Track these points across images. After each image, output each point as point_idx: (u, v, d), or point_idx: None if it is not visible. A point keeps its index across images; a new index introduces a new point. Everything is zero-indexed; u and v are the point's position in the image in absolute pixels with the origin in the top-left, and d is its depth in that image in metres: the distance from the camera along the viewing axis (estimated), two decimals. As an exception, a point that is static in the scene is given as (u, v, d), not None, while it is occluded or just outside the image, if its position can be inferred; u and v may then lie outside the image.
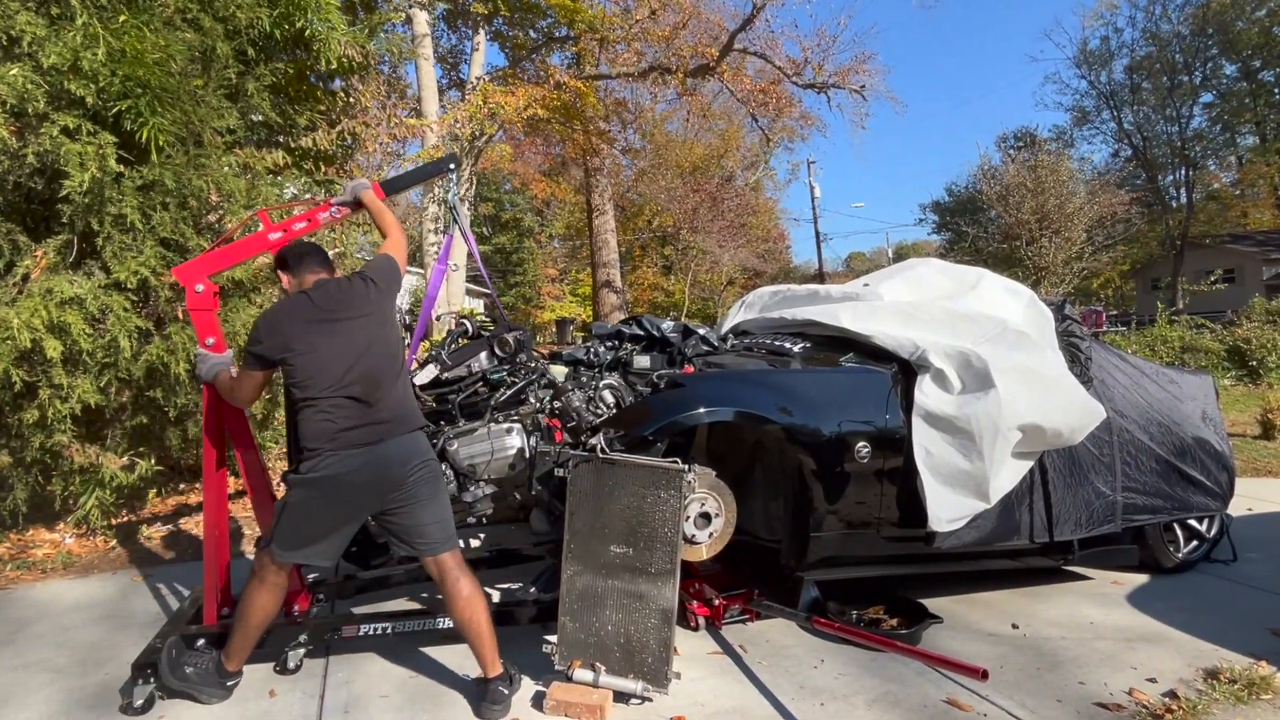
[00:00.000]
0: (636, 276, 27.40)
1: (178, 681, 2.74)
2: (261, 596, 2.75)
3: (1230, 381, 13.43)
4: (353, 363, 2.64)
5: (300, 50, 5.47)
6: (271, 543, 2.71)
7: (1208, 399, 4.41)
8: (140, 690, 2.76)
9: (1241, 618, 3.57)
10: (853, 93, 13.90)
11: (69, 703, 2.86)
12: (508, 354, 3.44)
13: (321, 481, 2.60)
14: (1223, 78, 35.67)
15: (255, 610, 2.76)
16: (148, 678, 2.77)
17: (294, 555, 2.71)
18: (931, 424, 3.33)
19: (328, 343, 2.65)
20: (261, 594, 2.75)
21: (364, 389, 2.64)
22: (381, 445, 2.63)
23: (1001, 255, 24.38)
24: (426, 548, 2.74)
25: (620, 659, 2.83)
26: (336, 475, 2.59)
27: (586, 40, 11.61)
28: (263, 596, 2.75)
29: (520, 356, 3.46)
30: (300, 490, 2.65)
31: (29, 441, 4.29)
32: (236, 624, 2.79)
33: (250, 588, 2.77)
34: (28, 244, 4.26)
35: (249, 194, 4.69)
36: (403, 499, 2.68)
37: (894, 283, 4.29)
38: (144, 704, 2.75)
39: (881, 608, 3.61)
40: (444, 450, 3.21)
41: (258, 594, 2.75)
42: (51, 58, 3.95)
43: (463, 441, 3.26)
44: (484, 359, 3.46)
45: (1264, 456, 7.68)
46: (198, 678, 2.77)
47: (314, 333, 2.66)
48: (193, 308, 2.97)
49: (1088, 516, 3.68)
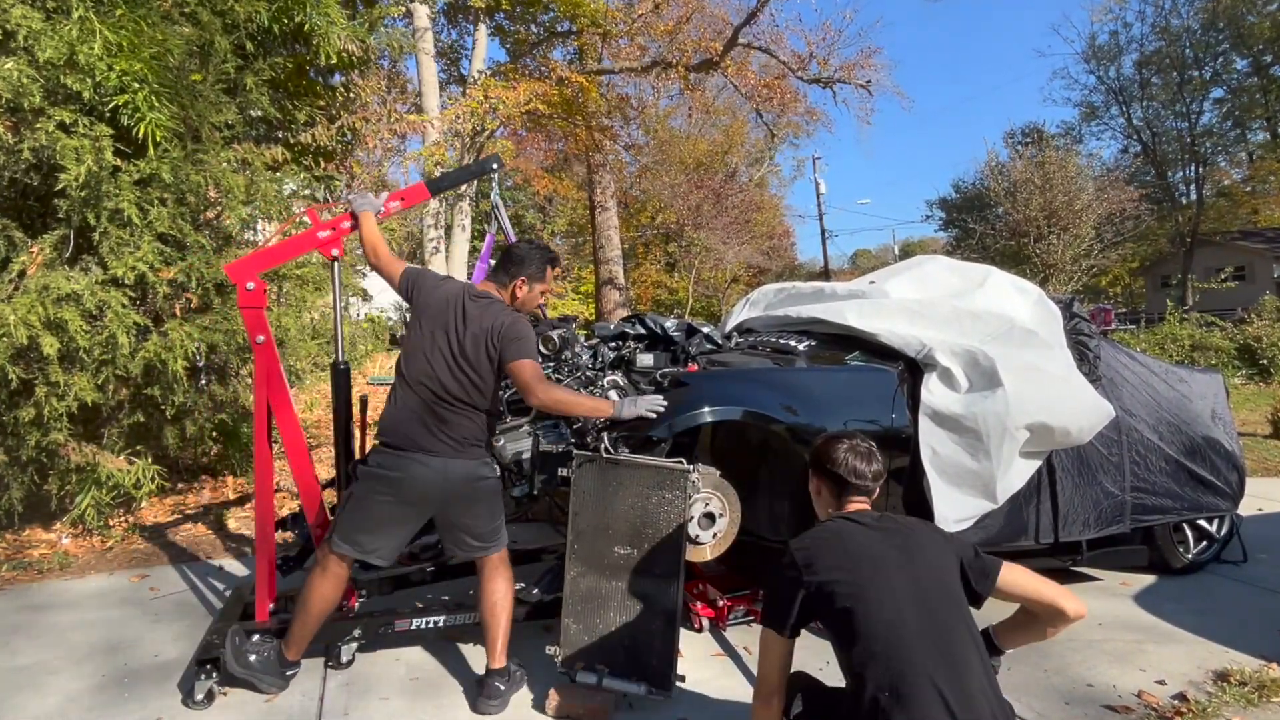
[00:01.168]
0: (640, 274, 27.32)
1: (241, 669, 2.77)
2: (323, 586, 2.79)
3: (1241, 380, 13.40)
4: None
5: (299, 45, 5.44)
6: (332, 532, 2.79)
7: (1218, 398, 4.38)
8: (201, 685, 2.80)
9: (1252, 619, 3.55)
10: (858, 87, 13.80)
11: (64, 703, 2.84)
12: (553, 351, 3.48)
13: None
14: (1234, 73, 35.43)
15: (315, 600, 2.79)
16: (209, 672, 2.81)
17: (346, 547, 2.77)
18: (938, 423, 3.30)
19: None
20: (323, 583, 2.78)
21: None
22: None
23: (1009, 252, 24.32)
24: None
25: (624, 661, 2.80)
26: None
27: (589, 35, 11.53)
28: (324, 586, 2.78)
29: (565, 354, 3.50)
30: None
31: (25, 440, 4.26)
32: (297, 613, 2.82)
33: (312, 577, 2.80)
34: (24, 240, 4.22)
35: (248, 190, 4.66)
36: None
37: (900, 280, 4.25)
38: (205, 698, 2.79)
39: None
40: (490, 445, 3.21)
41: (319, 583, 2.78)
42: (48, 52, 3.92)
43: (509, 437, 3.28)
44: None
45: (1275, 456, 7.66)
46: (260, 666, 2.81)
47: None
48: (244, 305, 3.02)
49: (1096, 517, 3.66)
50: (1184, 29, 34.90)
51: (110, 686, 2.96)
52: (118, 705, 2.83)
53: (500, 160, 3.79)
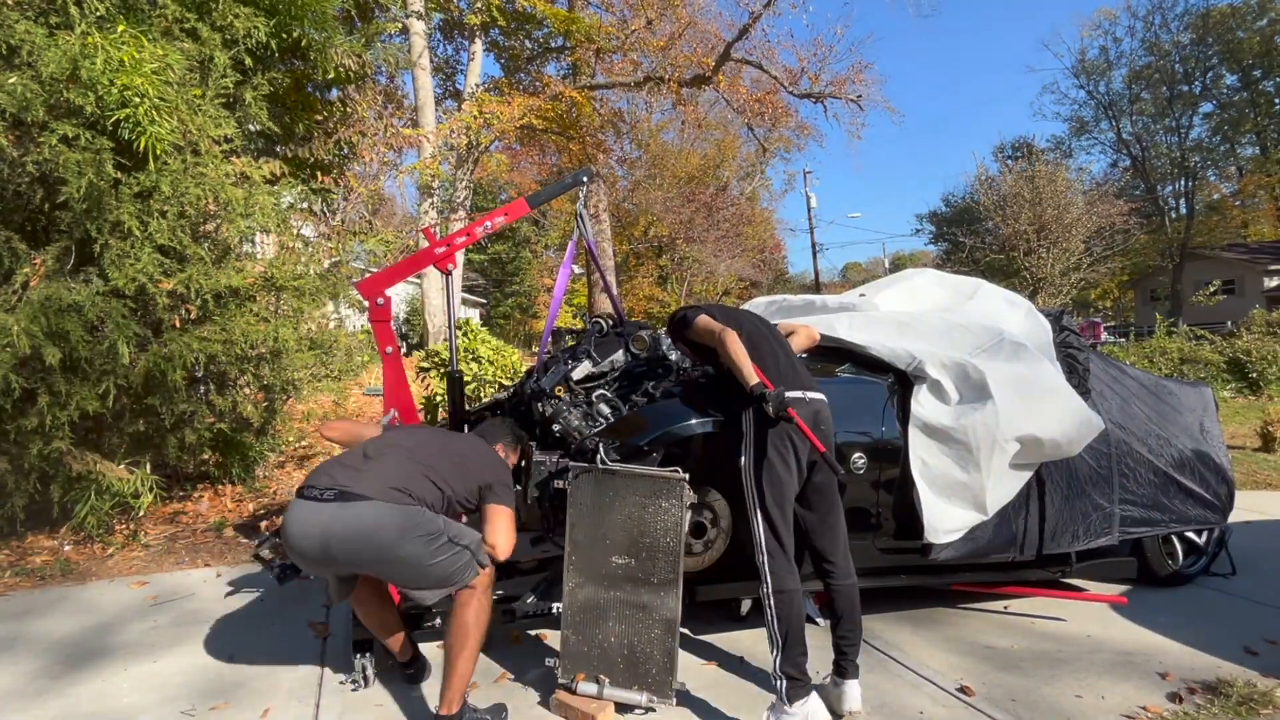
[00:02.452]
0: (632, 286, 27.41)
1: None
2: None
3: (1230, 393, 13.44)
4: None
5: (297, 60, 5.51)
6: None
7: (1207, 411, 4.39)
8: (359, 662, 3.01)
9: (1241, 631, 3.57)
10: (849, 102, 13.93)
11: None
12: (643, 350, 3.68)
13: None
14: (1223, 87, 35.86)
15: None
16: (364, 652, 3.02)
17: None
18: (928, 435, 3.33)
19: None
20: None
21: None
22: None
23: (999, 266, 24.49)
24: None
25: (624, 671, 2.83)
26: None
27: (583, 50, 11.65)
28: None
29: (658, 352, 3.66)
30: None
31: (28, 448, 4.29)
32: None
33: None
34: (27, 251, 4.27)
35: (246, 202, 4.70)
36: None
37: (891, 293, 4.29)
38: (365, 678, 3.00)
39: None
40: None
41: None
42: (50, 67, 3.98)
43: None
44: (620, 356, 3.72)
45: (1264, 469, 7.68)
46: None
47: None
48: (374, 319, 3.22)
49: (1085, 529, 3.67)
50: (1174, 44, 35.33)
51: (110, 692, 2.97)
52: (116, 710, 2.84)
53: (591, 172, 4.04)
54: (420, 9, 8.31)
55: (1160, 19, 35.82)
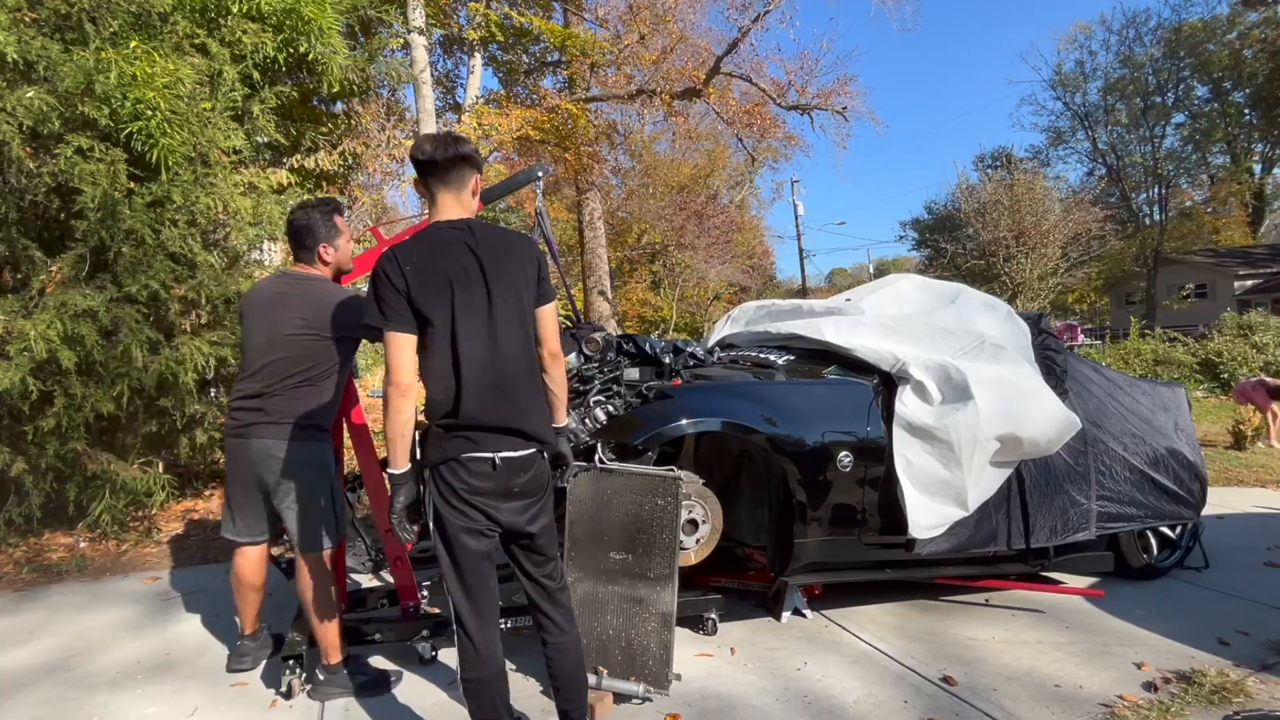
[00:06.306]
0: (626, 292, 27.50)
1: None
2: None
3: (1202, 393, 13.63)
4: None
5: (304, 74, 5.64)
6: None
7: (1180, 410, 4.48)
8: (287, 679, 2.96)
9: (1214, 623, 3.64)
10: (835, 113, 14.13)
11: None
12: (595, 351, 3.59)
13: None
14: (1194, 99, 36.48)
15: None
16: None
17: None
18: (912, 434, 3.41)
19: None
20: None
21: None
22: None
23: (979, 271, 24.76)
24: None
25: (622, 662, 2.91)
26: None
27: (578, 64, 11.81)
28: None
29: (609, 355, 3.58)
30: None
31: (45, 448, 4.40)
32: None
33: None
34: (43, 259, 4.39)
35: (255, 211, 4.82)
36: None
37: (875, 298, 4.37)
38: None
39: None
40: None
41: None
42: (67, 81, 4.10)
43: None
44: (573, 358, 3.61)
45: (1235, 466, 7.83)
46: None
47: None
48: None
49: (1063, 524, 3.73)
50: (1147, 57, 35.91)
51: (124, 682, 3.06)
52: (131, 700, 2.93)
53: (545, 168, 3.88)
54: (422, 25, 8.46)
55: (1134, 33, 36.53)
